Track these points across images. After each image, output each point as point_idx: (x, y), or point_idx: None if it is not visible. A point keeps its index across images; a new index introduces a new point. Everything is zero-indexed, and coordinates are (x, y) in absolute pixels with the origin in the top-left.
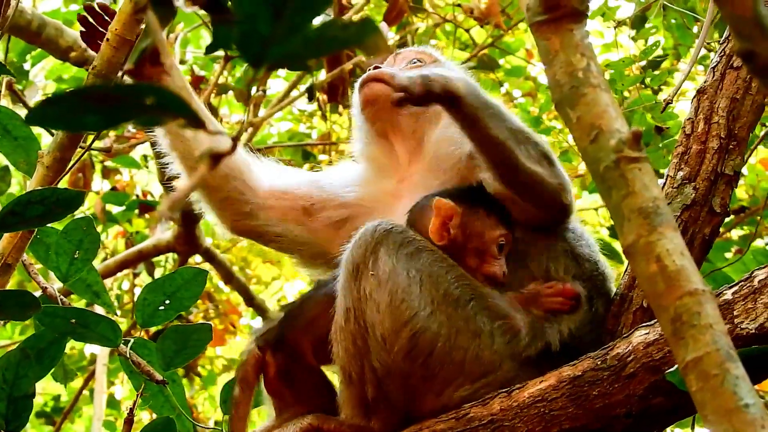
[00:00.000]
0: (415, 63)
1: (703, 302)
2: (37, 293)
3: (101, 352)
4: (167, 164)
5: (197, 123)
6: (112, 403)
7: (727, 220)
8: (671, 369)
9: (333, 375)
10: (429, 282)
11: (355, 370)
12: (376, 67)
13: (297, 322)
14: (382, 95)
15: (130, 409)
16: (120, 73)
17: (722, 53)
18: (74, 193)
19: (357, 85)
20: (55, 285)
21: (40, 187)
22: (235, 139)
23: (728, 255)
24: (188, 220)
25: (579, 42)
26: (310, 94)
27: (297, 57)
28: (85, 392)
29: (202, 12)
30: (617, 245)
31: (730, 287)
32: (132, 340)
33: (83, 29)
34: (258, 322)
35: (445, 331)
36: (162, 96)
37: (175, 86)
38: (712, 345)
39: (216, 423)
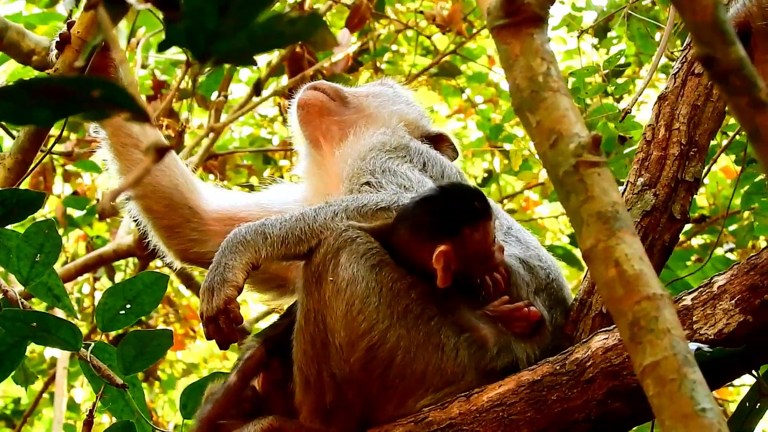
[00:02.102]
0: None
1: (662, 307)
2: None
3: (62, 355)
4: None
5: (143, 117)
6: (73, 406)
7: (687, 228)
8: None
9: None
10: (389, 295)
11: (313, 373)
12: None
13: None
14: (312, 99)
15: (90, 410)
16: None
17: (684, 60)
18: (34, 194)
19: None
20: (16, 288)
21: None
22: (181, 134)
23: (688, 264)
24: None
25: (539, 46)
26: (257, 89)
27: (243, 51)
28: (46, 395)
29: (161, 15)
30: (578, 252)
31: (690, 293)
32: (92, 344)
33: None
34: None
35: (405, 344)
36: (109, 89)
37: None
38: (670, 350)
39: (176, 427)
